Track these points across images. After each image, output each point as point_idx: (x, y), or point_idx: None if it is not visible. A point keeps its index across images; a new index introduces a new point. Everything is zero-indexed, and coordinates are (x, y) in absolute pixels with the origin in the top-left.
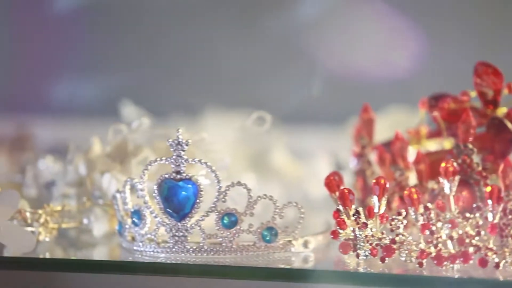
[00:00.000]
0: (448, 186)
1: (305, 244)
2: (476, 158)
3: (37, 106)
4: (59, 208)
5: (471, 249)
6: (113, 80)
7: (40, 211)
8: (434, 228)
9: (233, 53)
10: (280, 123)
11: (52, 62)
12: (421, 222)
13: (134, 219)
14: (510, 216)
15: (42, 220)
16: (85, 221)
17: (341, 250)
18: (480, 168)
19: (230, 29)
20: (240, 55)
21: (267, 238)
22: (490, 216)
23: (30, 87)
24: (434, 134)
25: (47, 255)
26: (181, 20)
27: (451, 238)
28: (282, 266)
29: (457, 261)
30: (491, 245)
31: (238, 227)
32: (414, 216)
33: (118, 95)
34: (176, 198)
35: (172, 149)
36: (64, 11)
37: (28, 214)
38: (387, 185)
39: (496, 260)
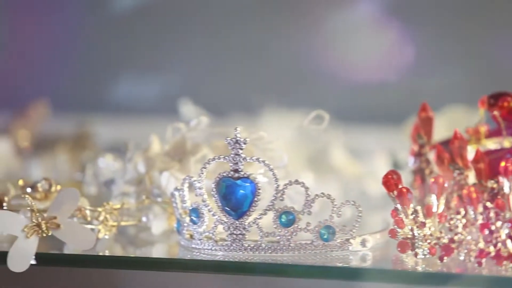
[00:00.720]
0: (507, 185)
1: (363, 243)
2: None
3: (97, 104)
4: (118, 206)
5: None
6: (173, 79)
7: (99, 209)
8: (493, 227)
9: (292, 52)
10: (338, 122)
11: (113, 61)
12: (480, 221)
13: (192, 217)
14: None
15: (101, 218)
16: (144, 219)
17: (399, 249)
18: None
19: (289, 29)
20: (299, 54)
21: (325, 236)
22: None
23: (91, 86)
24: (494, 133)
25: (107, 253)
26: (241, 19)
27: (510, 237)
28: (340, 264)
29: None
30: None
31: (296, 225)
32: (473, 216)
33: (178, 94)
34: (234, 197)
35: (230, 148)
36: (126, 10)
37: (88, 212)
38: (446, 184)
39: None
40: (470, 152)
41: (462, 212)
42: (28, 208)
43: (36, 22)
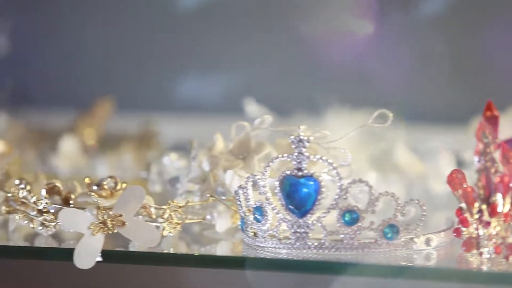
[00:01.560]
0: None
1: (427, 242)
2: None
3: (162, 103)
4: (183, 204)
5: None
6: (237, 78)
7: (164, 207)
8: None
9: (356, 51)
10: (402, 121)
11: (178, 60)
12: None
13: (256, 215)
14: None
15: (166, 215)
16: (208, 217)
17: (464, 248)
18: None
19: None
20: (363, 54)
21: (389, 235)
22: None
23: (156, 85)
24: None
25: (171, 250)
26: (305, 18)
27: None
28: (404, 263)
29: None
30: None
31: (360, 224)
32: None
33: (242, 93)
34: (298, 195)
35: (293, 146)
36: (190, 9)
37: (153, 210)
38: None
39: None
40: None
41: None
42: (94, 205)
43: (103, 21)
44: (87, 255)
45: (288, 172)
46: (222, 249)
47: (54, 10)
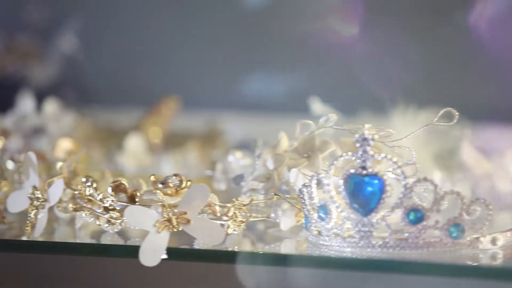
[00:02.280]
0: None
1: (493, 241)
2: None
3: (228, 102)
4: (247, 202)
5: None
6: (303, 76)
7: (229, 205)
8: None
9: (420, 51)
10: (467, 120)
11: (243, 58)
12: None
13: (320, 213)
14: None
15: (231, 213)
16: (272, 215)
17: None
18: None
19: (418, 29)
20: (427, 53)
21: (454, 234)
22: None
23: (222, 84)
24: None
25: (236, 248)
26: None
27: None
28: (470, 263)
29: None
30: None
31: (425, 223)
32: None
33: (307, 91)
34: (362, 194)
35: (358, 145)
36: (256, 8)
37: (217, 208)
38: None
39: None
40: None
41: None
42: (160, 203)
43: (169, 19)
44: (152, 253)
45: (352, 171)
46: (286, 247)
47: (121, 9)
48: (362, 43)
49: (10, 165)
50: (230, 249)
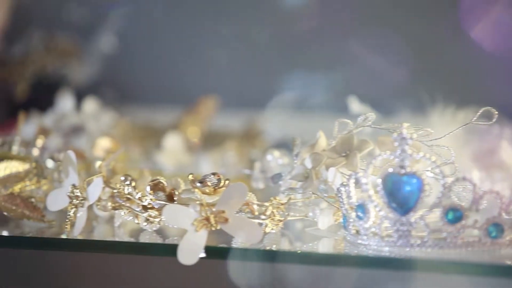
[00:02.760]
0: None
1: None
2: None
3: (266, 101)
4: (285, 201)
5: None
6: (341, 76)
7: (267, 204)
8: None
9: (460, 51)
10: (506, 119)
11: (282, 58)
12: None
13: (358, 213)
14: None
15: (268, 212)
16: (310, 214)
17: None
18: None
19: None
20: (466, 52)
21: (493, 234)
22: None
23: (260, 83)
24: None
25: (274, 247)
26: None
27: None
28: (509, 262)
29: None
30: None
31: (463, 222)
32: None
33: (346, 91)
34: (400, 193)
35: (396, 144)
36: (295, 7)
37: (255, 207)
38: None
39: None
40: None
41: None
42: (198, 202)
43: (209, 19)
44: (191, 251)
45: (390, 170)
46: (324, 247)
47: (160, 8)
48: (400, 42)
49: (49, 163)
50: (268, 248)
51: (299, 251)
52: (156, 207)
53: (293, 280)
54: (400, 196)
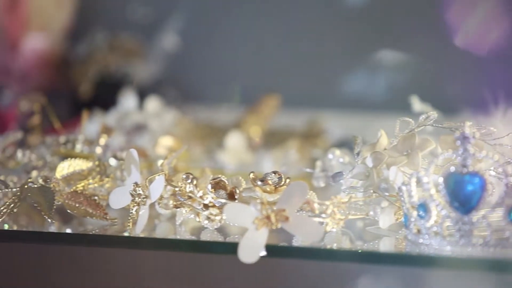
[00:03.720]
0: None
1: None
2: None
3: (328, 100)
4: (346, 199)
5: None
6: (403, 75)
7: (327, 202)
8: None
9: None
10: None
11: (344, 57)
12: None
13: (419, 212)
14: None
15: (329, 211)
16: (371, 212)
17: None
18: None
19: None
20: None
21: None
22: None
23: (322, 82)
24: None
25: (334, 246)
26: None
27: None
28: None
29: None
30: None
31: None
32: None
33: (407, 90)
34: (462, 192)
35: (458, 143)
36: (357, 6)
37: (316, 205)
38: None
39: None
40: None
41: None
42: (259, 200)
43: (270, 18)
44: (252, 249)
45: (453, 169)
46: (385, 246)
47: (222, 8)
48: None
49: (112, 162)
50: (328, 246)
51: (360, 250)
52: (217, 205)
53: (354, 279)
54: (462, 195)
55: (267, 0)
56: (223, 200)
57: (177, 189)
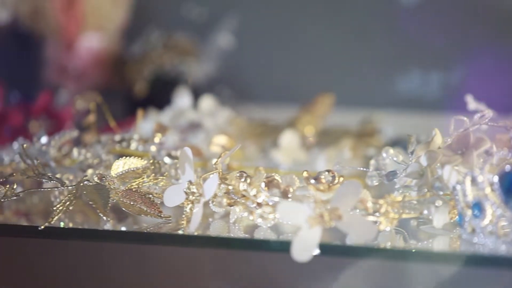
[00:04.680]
0: None
1: None
2: None
3: (382, 99)
4: (400, 198)
5: None
6: (458, 74)
7: (381, 201)
8: None
9: None
10: None
11: (399, 56)
12: None
13: (474, 211)
14: None
15: (383, 210)
16: (425, 211)
17: None
18: None
19: None
20: None
21: None
22: None
23: (376, 81)
24: None
25: (388, 245)
26: None
27: None
28: None
29: None
30: None
31: None
32: None
33: (462, 89)
34: None
35: None
36: (412, 5)
37: (370, 204)
38: None
39: None
40: None
41: None
42: (312, 199)
43: (323, 17)
44: (305, 248)
45: (508, 168)
46: (439, 245)
47: (276, 7)
48: None
49: (167, 160)
50: (382, 245)
51: (413, 249)
52: (270, 203)
53: (407, 279)
54: None
55: (322, 0)
56: (277, 199)
57: (230, 187)
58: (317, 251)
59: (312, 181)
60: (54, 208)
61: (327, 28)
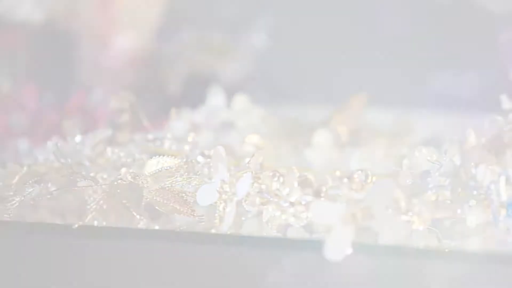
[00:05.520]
0: None
1: None
2: None
3: (416, 99)
4: (433, 198)
5: None
6: (493, 73)
7: (414, 201)
8: None
9: None
10: None
11: (433, 55)
12: None
13: (508, 211)
14: None
15: (416, 209)
16: (459, 211)
17: None
18: None
19: None
20: None
21: None
22: None
23: (410, 80)
24: None
25: (421, 245)
26: None
27: None
28: None
29: None
30: None
31: None
32: None
33: (497, 89)
34: None
35: None
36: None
37: (403, 204)
38: None
39: None
40: None
41: None
42: (345, 198)
43: (360, 16)
44: (337, 248)
45: None
46: (473, 244)
47: (310, 5)
48: None
49: (200, 159)
50: (415, 245)
51: (447, 249)
52: (303, 203)
53: (440, 279)
54: None
55: (357, 1)
56: (310, 198)
57: (263, 186)
58: (350, 251)
59: (345, 180)
60: (88, 207)
61: (361, 27)
